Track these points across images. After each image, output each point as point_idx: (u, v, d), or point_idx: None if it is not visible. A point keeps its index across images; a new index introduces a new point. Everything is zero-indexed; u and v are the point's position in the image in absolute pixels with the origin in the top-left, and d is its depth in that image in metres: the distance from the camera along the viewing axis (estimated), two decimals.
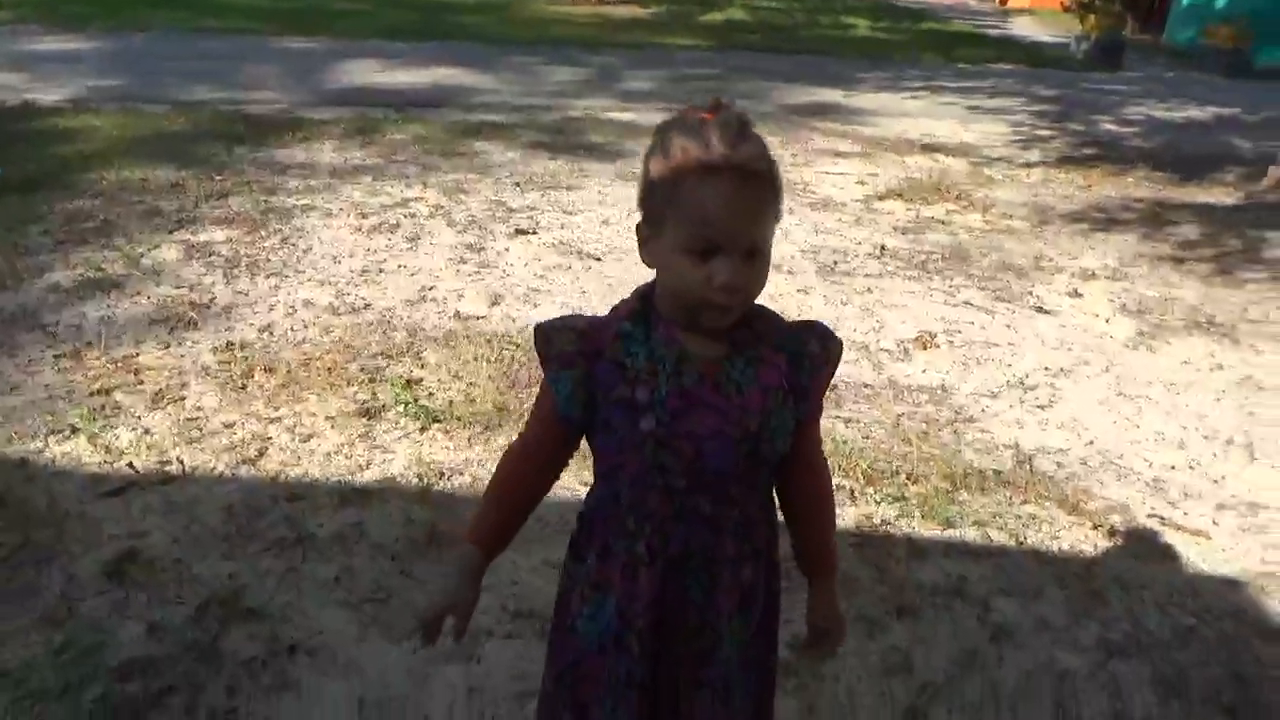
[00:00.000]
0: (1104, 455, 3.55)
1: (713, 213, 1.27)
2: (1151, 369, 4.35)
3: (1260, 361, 4.55)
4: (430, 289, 4.41)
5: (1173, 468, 3.53)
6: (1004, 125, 9.58)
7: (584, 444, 1.50)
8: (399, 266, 4.64)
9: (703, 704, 1.49)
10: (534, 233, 5.24)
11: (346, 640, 2.23)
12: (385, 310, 4.15)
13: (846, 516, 2.92)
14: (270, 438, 3.10)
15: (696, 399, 1.36)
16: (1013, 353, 4.34)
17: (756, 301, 1.40)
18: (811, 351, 1.43)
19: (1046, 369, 4.22)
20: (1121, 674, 2.39)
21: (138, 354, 3.57)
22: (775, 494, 1.51)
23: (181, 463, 2.90)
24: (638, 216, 1.39)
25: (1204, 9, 17.67)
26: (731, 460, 1.38)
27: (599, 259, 4.93)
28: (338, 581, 2.42)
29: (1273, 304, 5.29)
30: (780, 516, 1.53)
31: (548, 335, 1.42)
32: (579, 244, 5.13)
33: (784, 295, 4.66)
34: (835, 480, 2.71)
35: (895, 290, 4.94)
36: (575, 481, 2.39)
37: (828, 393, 1.51)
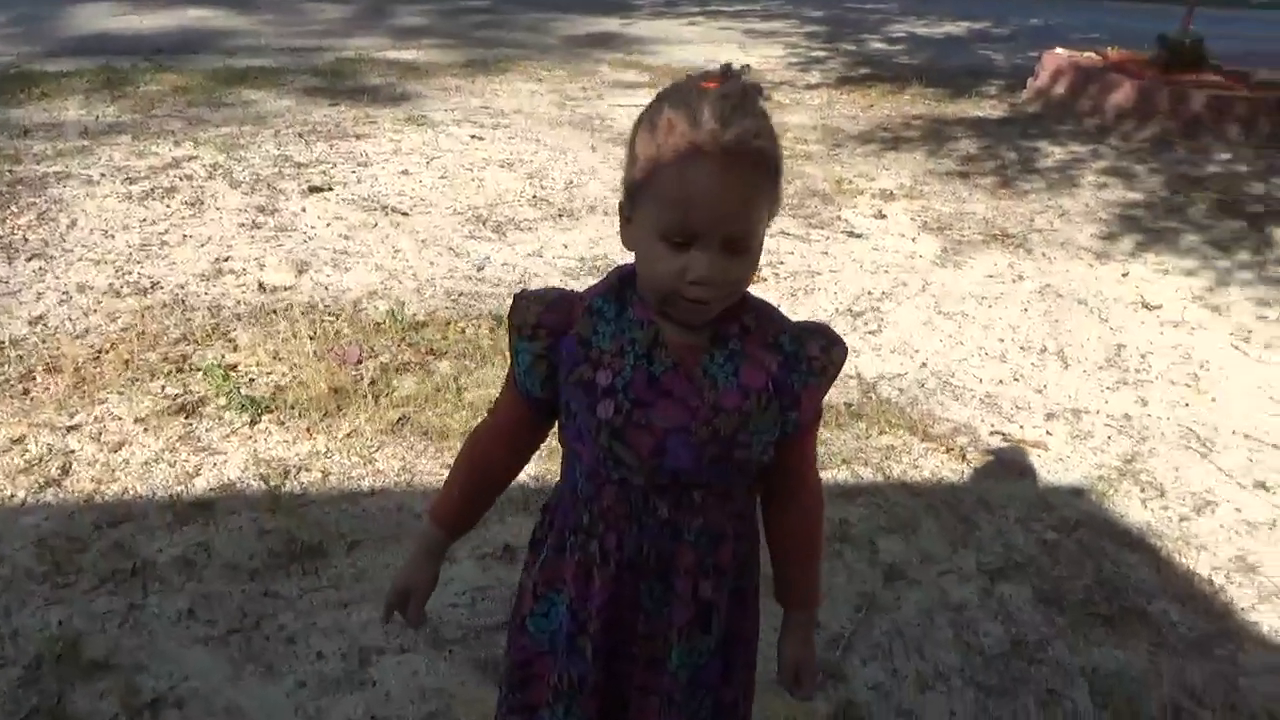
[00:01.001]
0: (938, 376, 3.65)
1: (693, 199, 1.11)
2: (961, 284, 4.52)
3: (1054, 269, 4.81)
4: (225, 260, 4.01)
5: (1000, 382, 3.67)
6: (781, 48, 9.72)
7: None
8: (184, 237, 4.20)
9: (649, 711, 1.38)
10: (329, 189, 4.86)
11: (218, 682, 1.97)
12: (178, 288, 3.74)
13: None
14: (72, 451, 2.72)
15: (665, 389, 1.23)
16: (835, 280, 4.40)
17: (761, 296, 1.29)
18: (810, 355, 1.28)
19: (869, 293, 4.30)
20: (1007, 597, 2.46)
21: None
22: (761, 512, 1.39)
23: None
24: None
25: None
26: (693, 460, 1.24)
27: (406, 214, 4.63)
28: (193, 614, 2.14)
29: (1054, 213, 5.61)
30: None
31: (516, 304, 1.30)
32: (381, 198, 4.80)
33: (606, 239, 4.54)
34: None
35: None
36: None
37: None
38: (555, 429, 1.36)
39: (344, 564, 2.31)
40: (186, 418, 2.87)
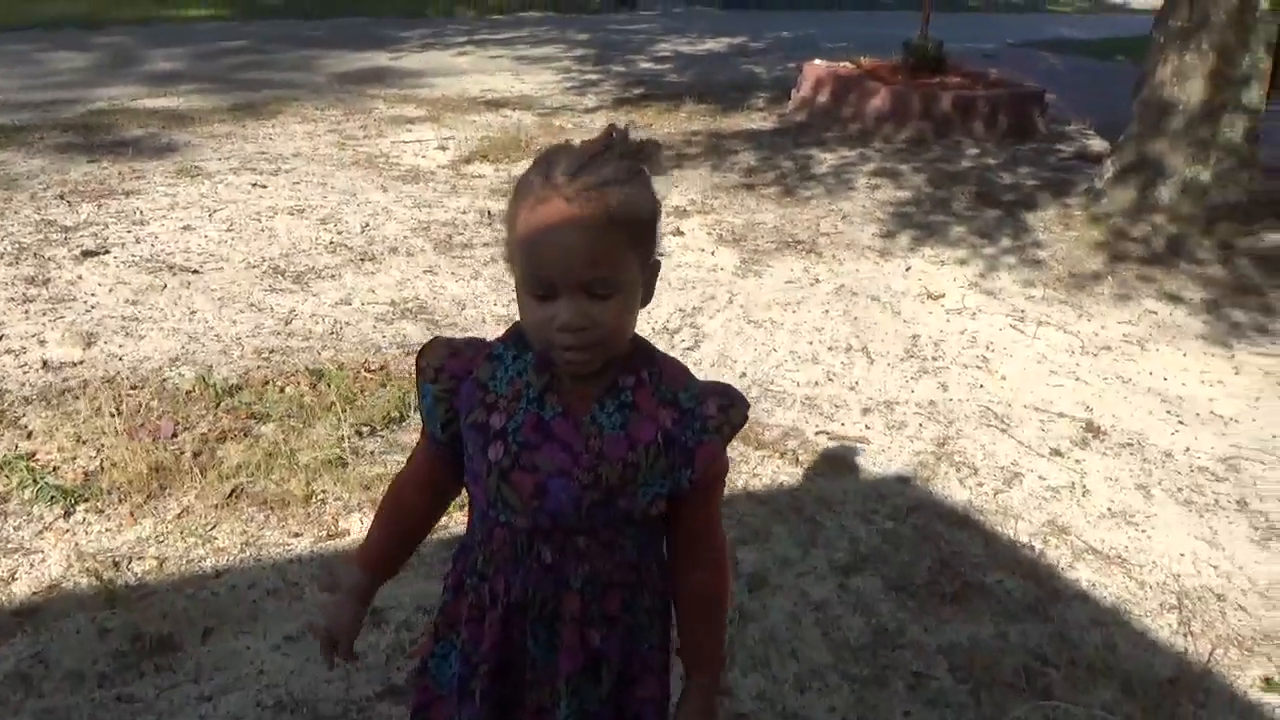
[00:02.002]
0: (759, 384, 3.79)
1: (542, 250, 1.16)
2: (765, 293, 4.72)
3: (845, 270, 5.09)
4: None
5: (816, 383, 3.85)
6: (553, 73, 9.83)
7: None
8: None
9: None
10: (106, 251, 4.55)
11: None
12: None
13: None
14: None
15: (552, 433, 1.25)
16: None
17: (672, 354, 1.33)
18: (706, 414, 1.29)
19: (681, 310, 4.42)
20: (861, 589, 2.58)
21: None
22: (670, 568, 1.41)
23: None
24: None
25: None
26: (573, 505, 1.26)
27: (197, 271, 4.39)
28: None
29: (836, 216, 5.93)
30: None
31: (425, 349, 1.33)
32: (166, 257, 4.53)
33: (413, 280, 4.47)
34: None
35: None
36: None
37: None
38: None
39: (200, 653, 2.17)
40: None
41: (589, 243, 1.14)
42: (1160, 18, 6.10)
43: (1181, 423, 3.76)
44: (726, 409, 1.32)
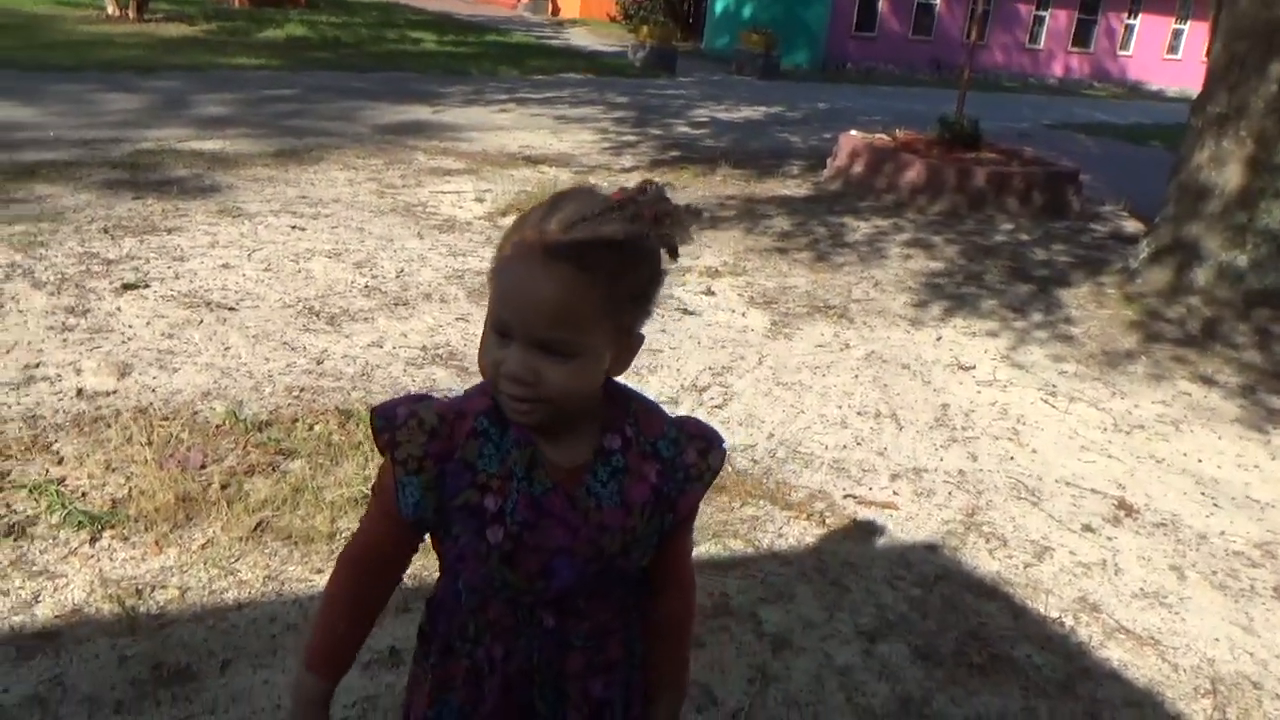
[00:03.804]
0: (786, 445, 3.77)
1: (509, 292, 1.11)
2: (795, 355, 4.71)
3: (875, 337, 5.09)
4: (36, 366, 3.72)
5: (844, 447, 3.83)
6: (592, 133, 9.98)
7: None
8: None
9: None
10: (145, 285, 4.61)
11: None
12: None
13: None
14: None
15: (547, 511, 1.21)
16: (676, 357, 4.50)
17: (644, 392, 1.30)
18: (687, 462, 1.27)
19: (710, 369, 4.41)
20: (886, 656, 2.53)
21: None
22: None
23: None
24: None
25: (734, 18, 19.70)
26: (577, 578, 1.24)
27: (233, 309, 4.44)
28: None
29: (868, 283, 5.94)
30: None
31: (394, 430, 1.20)
32: (203, 293, 4.59)
33: (445, 326, 4.49)
34: None
35: None
36: None
37: None
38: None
39: (217, 686, 2.15)
40: (15, 540, 2.62)
41: (556, 300, 1.09)
42: (1199, 104, 6.13)
43: (1216, 505, 3.70)
44: (705, 453, 1.30)
